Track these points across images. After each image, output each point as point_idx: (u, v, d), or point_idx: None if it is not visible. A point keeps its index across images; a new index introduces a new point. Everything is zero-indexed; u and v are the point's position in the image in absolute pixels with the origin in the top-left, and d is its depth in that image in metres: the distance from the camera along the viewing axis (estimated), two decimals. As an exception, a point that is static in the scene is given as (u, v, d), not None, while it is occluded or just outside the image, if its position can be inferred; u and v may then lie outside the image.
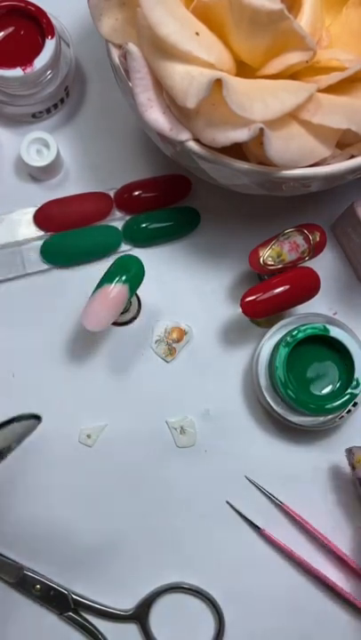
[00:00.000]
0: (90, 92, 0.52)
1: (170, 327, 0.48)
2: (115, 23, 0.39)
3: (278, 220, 0.48)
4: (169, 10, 0.35)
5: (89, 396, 0.48)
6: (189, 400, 0.48)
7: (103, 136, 0.51)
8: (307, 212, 0.50)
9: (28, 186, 0.50)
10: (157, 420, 0.47)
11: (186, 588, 0.46)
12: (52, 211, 0.48)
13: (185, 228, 0.49)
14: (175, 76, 0.35)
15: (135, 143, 0.51)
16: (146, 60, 0.36)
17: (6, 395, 0.48)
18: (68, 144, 0.51)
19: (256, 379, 0.46)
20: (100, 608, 0.45)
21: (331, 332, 0.43)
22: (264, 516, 0.47)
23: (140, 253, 0.48)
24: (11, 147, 0.50)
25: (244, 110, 0.33)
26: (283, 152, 0.35)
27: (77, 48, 0.51)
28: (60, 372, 0.48)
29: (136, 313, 0.49)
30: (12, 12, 0.46)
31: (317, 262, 0.46)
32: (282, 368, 0.43)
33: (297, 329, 0.44)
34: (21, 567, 0.45)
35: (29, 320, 0.48)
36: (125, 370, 0.48)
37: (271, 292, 0.43)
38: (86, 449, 0.47)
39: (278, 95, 0.35)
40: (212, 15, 0.36)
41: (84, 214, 0.48)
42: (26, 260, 0.48)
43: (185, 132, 0.37)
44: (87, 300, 0.43)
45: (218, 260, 0.49)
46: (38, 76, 0.46)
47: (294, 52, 0.36)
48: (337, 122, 0.35)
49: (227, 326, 0.49)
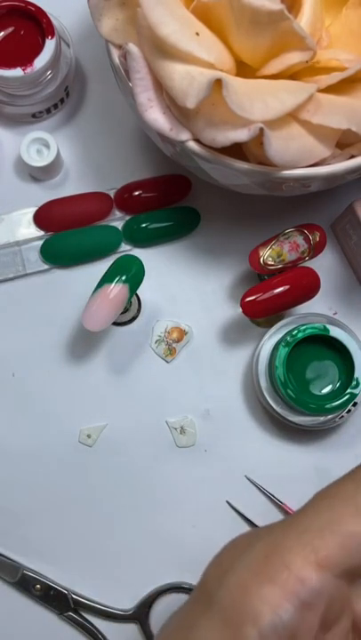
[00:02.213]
0: (90, 92, 0.52)
1: (170, 327, 0.48)
2: (115, 23, 0.39)
3: (278, 220, 0.48)
4: (169, 10, 0.35)
5: (89, 396, 0.48)
6: (189, 400, 0.48)
7: (103, 136, 0.51)
8: (307, 211, 0.50)
9: (28, 186, 0.50)
10: (157, 420, 0.48)
11: (186, 588, 0.46)
12: (51, 211, 0.48)
13: (185, 227, 0.49)
14: (175, 75, 0.35)
15: (135, 143, 0.51)
16: (146, 60, 0.36)
17: (6, 395, 0.48)
18: (68, 144, 0.51)
19: (256, 379, 0.46)
20: (100, 608, 0.45)
21: (331, 332, 0.43)
22: (264, 516, 0.47)
23: (140, 253, 0.48)
24: (11, 147, 0.50)
25: (244, 110, 0.33)
26: (283, 152, 0.35)
27: (77, 48, 0.51)
28: (60, 371, 0.48)
29: (136, 313, 0.49)
30: (12, 11, 0.46)
31: (317, 262, 0.46)
32: (282, 368, 0.43)
33: (297, 329, 0.44)
34: (21, 567, 0.46)
35: (29, 320, 0.48)
36: (125, 370, 0.48)
37: (271, 292, 0.43)
38: (86, 449, 0.47)
39: (278, 95, 0.35)
40: (213, 15, 0.36)
41: (84, 214, 0.48)
42: (26, 260, 0.48)
43: (185, 132, 0.37)
44: (87, 299, 0.43)
45: (218, 259, 0.49)
46: (38, 76, 0.46)
47: (294, 52, 0.36)
48: (337, 122, 0.35)
49: (227, 326, 0.49)
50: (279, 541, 0.24)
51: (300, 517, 0.25)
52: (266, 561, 0.24)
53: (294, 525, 0.25)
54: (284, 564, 0.23)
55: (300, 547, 0.23)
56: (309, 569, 0.23)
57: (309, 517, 0.25)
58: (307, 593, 0.23)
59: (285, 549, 0.24)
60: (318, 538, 0.23)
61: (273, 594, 0.23)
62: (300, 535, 0.24)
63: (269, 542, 0.24)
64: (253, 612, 0.22)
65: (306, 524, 0.24)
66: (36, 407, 0.48)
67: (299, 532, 0.24)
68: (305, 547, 0.23)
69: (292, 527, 0.25)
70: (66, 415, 0.47)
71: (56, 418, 0.47)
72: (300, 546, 0.23)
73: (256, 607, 0.22)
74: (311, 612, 0.23)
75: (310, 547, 0.23)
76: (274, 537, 0.25)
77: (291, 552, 0.23)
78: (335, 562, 0.23)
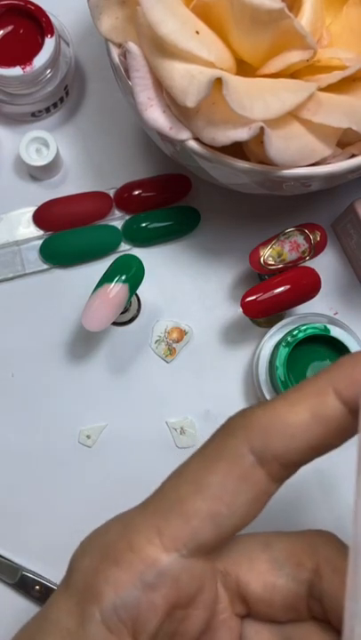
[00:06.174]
0: (89, 91, 0.52)
1: (170, 327, 0.48)
2: (114, 22, 0.38)
3: (279, 220, 0.48)
4: (169, 8, 0.35)
5: (89, 396, 0.48)
6: (189, 400, 0.48)
7: (103, 135, 0.51)
8: (307, 211, 0.50)
9: (28, 185, 0.50)
10: (157, 420, 0.47)
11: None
12: (51, 210, 0.48)
13: (185, 227, 0.49)
14: (175, 74, 0.35)
15: (135, 142, 0.50)
16: (146, 59, 0.36)
17: (6, 395, 0.48)
18: (68, 143, 0.50)
19: (256, 379, 0.45)
20: (99, 609, 0.45)
21: (331, 332, 0.43)
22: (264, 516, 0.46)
23: (139, 253, 0.48)
24: (10, 146, 0.50)
25: (244, 109, 0.33)
26: (283, 151, 0.35)
27: (77, 47, 0.50)
28: (60, 371, 0.48)
29: (136, 313, 0.48)
30: (12, 10, 0.46)
31: (318, 262, 0.46)
32: (282, 368, 0.43)
33: (297, 329, 0.43)
34: (21, 568, 0.45)
35: (28, 320, 0.48)
36: (125, 370, 0.48)
37: (271, 292, 0.43)
38: (86, 449, 0.47)
39: (279, 94, 0.34)
40: (213, 14, 0.35)
41: (84, 214, 0.48)
42: (25, 260, 0.48)
43: (185, 131, 0.37)
44: (87, 299, 0.43)
45: (218, 259, 0.49)
46: (38, 75, 0.46)
47: (295, 50, 0.36)
48: (338, 121, 0.35)
49: (227, 326, 0.49)
50: (130, 524, 0.25)
51: (151, 499, 0.26)
52: (115, 544, 0.25)
53: (144, 507, 0.26)
54: (130, 546, 0.24)
55: (147, 528, 0.24)
56: (154, 550, 0.24)
57: (157, 499, 0.25)
58: (150, 574, 0.23)
59: (134, 532, 0.24)
60: (163, 519, 0.24)
61: (117, 575, 0.24)
62: (147, 517, 0.25)
63: (122, 525, 0.25)
64: (98, 593, 0.24)
65: (153, 506, 0.25)
66: (35, 407, 0.47)
67: (147, 514, 0.25)
68: (151, 528, 0.24)
69: (142, 509, 0.25)
70: (65, 415, 0.47)
71: (56, 418, 0.47)
72: (147, 528, 0.24)
73: (100, 588, 0.24)
74: (156, 592, 0.24)
75: (155, 528, 0.24)
76: (127, 520, 0.26)
77: (138, 534, 0.24)
78: (180, 542, 0.24)
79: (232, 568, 0.26)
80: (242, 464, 0.24)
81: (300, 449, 0.23)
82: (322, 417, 0.23)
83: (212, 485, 0.24)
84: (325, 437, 0.23)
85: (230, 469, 0.24)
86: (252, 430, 0.24)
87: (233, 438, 0.24)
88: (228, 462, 0.24)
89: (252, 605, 0.26)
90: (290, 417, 0.23)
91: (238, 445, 0.24)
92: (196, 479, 0.24)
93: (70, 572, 0.26)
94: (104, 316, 0.42)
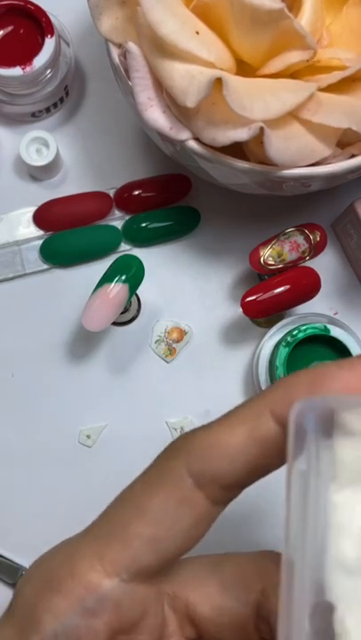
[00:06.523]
0: (89, 91, 0.51)
1: (170, 327, 0.48)
2: (114, 22, 0.38)
3: (279, 220, 0.48)
4: (169, 9, 0.35)
5: (89, 396, 0.48)
6: (189, 400, 0.48)
7: (103, 135, 0.51)
8: (307, 211, 0.50)
9: (28, 185, 0.50)
10: (157, 420, 0.47)
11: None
12: (51, 210, 0.48)
13: (185, 227, 0.49)
14: (175, 74, 0.35)
15: (135, 142, 0.50)
16: (146, 59, 0.36)
17: (6, 395, 0.47)
18: (68, 143, 0.50)
19: (256, 379, 0.45)
20: (99, 609, 0.45)
21: (331, 332, 0.43)
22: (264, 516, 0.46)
23: (139, 253, 0.48)
24: (10, 146, 0.50)
25: (244, 109, 0.33)
26: (283, 151, 0.35)
27: (77, 47, 0.50)
28: (60, 372, 0.48)
29: (136, 313, 0.48)
30: (12, 10, 0.46)
31: (318, 262, 0.46)
32: (282, 368, 0.43)
33: (297, 329, 0.43)
34: (20, 568, 0.45)
35: (28, 320, 0.48)
36: (125, 370, 0.48)
37: (271, 292, 0.43)
38: (86, 449, 0.47)
39: (279, 94, 0.34)
40: (213, 14, 0.35)
41: (84, 214, 0.48)
42: (25, 260, 0.48)
43: (185, 132, 0.37)
44: (87, 299, 0.43)
45: (218, 259, 0.49)
46: (38, 76, 0.46)
47: (295, 51, 0.36)
48: (337, 121, 0.35)
49: (227, 326, 0.49)
50: (73, 549, 0.25)
51: (94, 524, 0.26)
52: (58, 570, 0.24)
53: (88, 532, 0.25)
54: (72, 571, 0.24)
55: (89, 554, 0.24)
56: (94, 576, 0.23)
57: (101, 523, 0.25)
58: (90, 600, 0.23)
59: (77, 557, 0.24)
60: (104, 544, 0.24)
61: (57, 602, 0.23)
62: (90, 542, 0.24)
63: (66, 550, 0.25)
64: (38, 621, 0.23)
65: (97, 530, 0.25)
66: (35, 407, 0.47)
67: (90, 538, 0.25)
68: (93, 554, 0.24)
69: (86, 534, 0.25)
70: (65, 415, 0.47)
71: (55, 418, 0.47)
72: (89, 553, 0.24)
73: (40, 616, 0.23)
74: (97, 618, 0.23)
75: (97, 553, 0.24)
76: (71, 545, 0.25)
77: (81, 559, 0.24)
78: (121, 566, 0.23)
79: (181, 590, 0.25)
80: (181, 487, 0.23)
81: (238, 470, 0.23)
82: (259, 438, 0.23)
83: (153, 510, 0.23)
84: (263, 458, 0.23)
85: (170, 493, 0.23)
86: (192, 453, 0.23)
87: (173, 461, 0.24)
88: (168, 486, 0.24)
89: (202, 627, 0.25)
90: (228, 439, 0.23)
91: (178, 468, 0.23)
92: (137, 504, 0.24)
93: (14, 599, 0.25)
94: (104, 316, 0.42)
